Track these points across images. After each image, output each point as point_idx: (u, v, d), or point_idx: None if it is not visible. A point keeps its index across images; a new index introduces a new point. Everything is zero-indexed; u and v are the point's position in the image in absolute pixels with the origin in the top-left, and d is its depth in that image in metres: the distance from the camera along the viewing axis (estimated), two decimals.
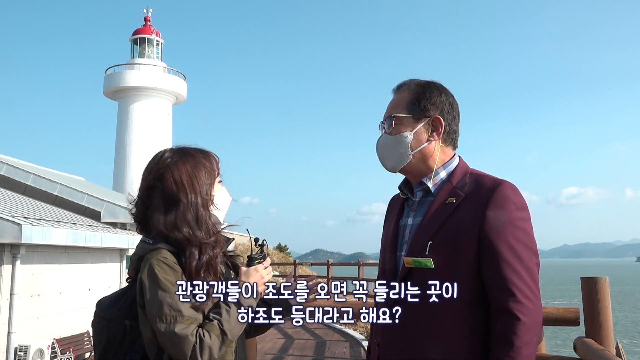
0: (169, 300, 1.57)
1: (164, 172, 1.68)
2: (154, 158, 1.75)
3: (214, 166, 1.75)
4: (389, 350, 1.63)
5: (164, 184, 1.67)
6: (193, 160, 1.70)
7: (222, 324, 1.60)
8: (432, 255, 1.56)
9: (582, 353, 2.79)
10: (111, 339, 1.64)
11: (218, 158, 1.79)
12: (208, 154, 1.77)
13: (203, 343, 1.56)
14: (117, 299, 1.71)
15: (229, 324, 1.60)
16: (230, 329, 1.60)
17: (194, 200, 1.67)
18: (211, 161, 1.75)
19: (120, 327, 1.64)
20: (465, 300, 1.53)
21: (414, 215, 1.68)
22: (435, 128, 1.68)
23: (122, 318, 1.65)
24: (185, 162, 1.69)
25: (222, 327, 1.59)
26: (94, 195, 14.47)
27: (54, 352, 10.21)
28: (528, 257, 1.52)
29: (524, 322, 1.45)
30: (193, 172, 1.69)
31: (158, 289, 1.58)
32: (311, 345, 10.60)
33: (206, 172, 1.71)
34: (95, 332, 1.70)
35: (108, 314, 1.67)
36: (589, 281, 2.95)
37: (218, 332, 1.58)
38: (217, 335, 1.58)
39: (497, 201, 1.54)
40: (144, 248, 1.67)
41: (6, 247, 9.35)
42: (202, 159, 1.73)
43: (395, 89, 1.75)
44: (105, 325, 1.66)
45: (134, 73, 26.43)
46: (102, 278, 12.54)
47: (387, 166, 1.72)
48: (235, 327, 1.61)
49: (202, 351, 1.56)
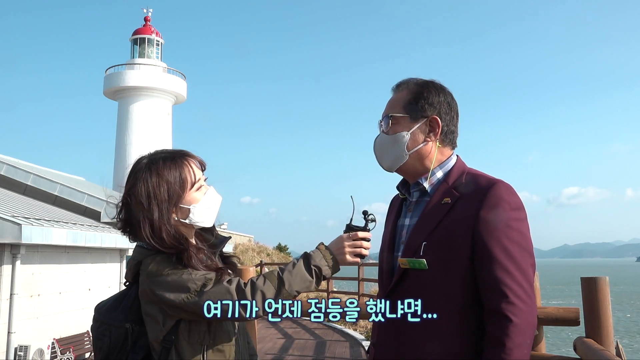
0: (185, 277, 1.59)
1: (133, 183, 1.68)
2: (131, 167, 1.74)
3: (186, 174, 1.69)
4: (385, 351, 1.62)
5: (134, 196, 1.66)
6: (156, 174, 1.66)
7: (282, 273, 1.59)
8: (426, 256, 1.55)
9: (582, 353, 2.79)
10: (113, 343, 1.65)
11: (197, 163, 1.74)
12: (180, 162, 1.70)
13: (255, 286, 1.57)
14: (116, 303, 1.71)
15: (290, 275, 1.59)
16: (290, 280, 1.58)
17: (153, 214, 1.63)
18: (182, 169, 1.69)
19: (122, 331, 1.65)
20: (460, 302, 1.52)
21: (411, 216, 1.67)
22: (433, 128, 1.67)
23: (123, 322, 1.65)
24: (150, 175, 1.66)
25: (281, 276, 1.59)
26: (94, 195, 14.47)
27: (54, 352, 10.21)
28: (522, 258, 1.50)
29: (516, 323, 1.44)
30: (155, 186, 1.65)
31: (169, 278, 1.59)
32: (311, 345, 10.59)
33: (165, 187, 1.65)
34: (96, 336, 1.69)
35: (109, 319, 1.67)
36: (589, 281, 2.95)
37: (275, 279, 1.58)
38: (272, 282, 1.58)
39: (491, 201, 1.52)
40: (142, 253, 1.68)
41: (6, 247, 9.35)
42: (171, 170, 1.68)
43: (394, 87, 1.74)
44: (107, 330, 1.66)
45: (134, 73, 26.42)
46: (102, 278, 12.54)
47: (384, 165, 1.72)
48: (295, 280, 1.58)
49: (254, 293, 1.56)
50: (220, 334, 1.65)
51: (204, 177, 1.75)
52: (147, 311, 1.64)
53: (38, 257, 10.28)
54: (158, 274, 1.61)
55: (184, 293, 1.57)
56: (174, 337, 1.61)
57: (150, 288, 1.61)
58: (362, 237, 1.65)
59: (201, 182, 1.73)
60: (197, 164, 1.75)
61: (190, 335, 1.62)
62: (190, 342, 1.61)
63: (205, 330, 1.63)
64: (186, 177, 1.69)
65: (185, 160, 1.71)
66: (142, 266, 1.65)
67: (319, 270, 1.60)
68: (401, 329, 1.57)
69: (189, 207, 1.68)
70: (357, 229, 1.66)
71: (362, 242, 1.65)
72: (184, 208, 1.68)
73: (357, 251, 1.64)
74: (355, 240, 1.64)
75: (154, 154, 1.73)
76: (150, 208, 1.63)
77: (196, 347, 1.61)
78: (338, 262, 1.63)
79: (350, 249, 1.63)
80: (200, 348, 1.62)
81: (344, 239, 1.65)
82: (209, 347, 1.63)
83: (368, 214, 1.67)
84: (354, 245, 1.64)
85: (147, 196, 1.64)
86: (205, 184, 1.75)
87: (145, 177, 1.66)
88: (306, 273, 1.59)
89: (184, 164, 1.71)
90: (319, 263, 1.61)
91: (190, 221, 1.69)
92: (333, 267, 1.62)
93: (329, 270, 1.61)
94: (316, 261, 1.61)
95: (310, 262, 1.60)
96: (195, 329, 1.62)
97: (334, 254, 1.63)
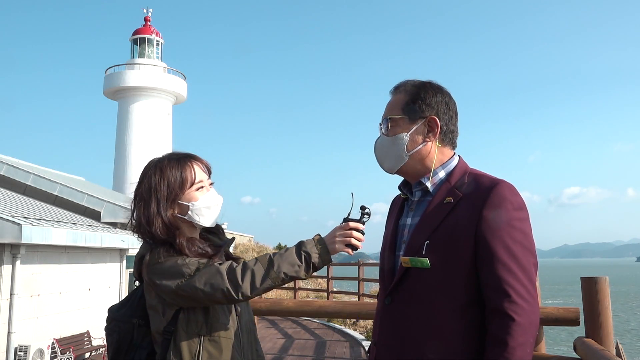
0: (180, 262, 1.69)
1: (140, 180, 1.82)
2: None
3: (187, 174, 1.79)
4: (386, 350, 1.63)
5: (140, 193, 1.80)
6: (160, 172, 1.79)
7: (272, 255, 1.67)
8: (428, 255, 1.55)
9: (582, 353, 2.79)
10: (122, 337, 1.76)
11: (203, 166, 1.84)
12: (184, 162, 1.81)
13: (246, 266, 1.66)
14: (125, 301, 1.86)
15: (280, 258, 1.66)
16: (279, 263, 1.64)
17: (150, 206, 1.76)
18: (184, 169, 1.80)
19: (129, 326, 1.77)
20: (462, 301, 1.53)
21: (413, 215, 1.68)
22: (432, 129, 1.68)
23: (130, 317, 1.78)
24: (154, 173, 1.79)
25: (271, 258, 1.66)
26: (94, 195, 14.47)
27: (54, 352, 10.21)
28: (525, 257, 1.51)
29: (518, 322, 1.44)
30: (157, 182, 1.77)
31: (165, 265, 1.69)
32: (311, 345, 10.60)
33: (165, 183, 1.77)
34: (108, 333, 1.81)
35: (118, 315, 1.81)
36: (589, 281, 2.95)
37: (266, 261, 1.65)
38: (262, 264, 1.65)
39: (494, 201, 1.53)
40: (145, 248, 1.79)
41: (6, 247, 9.35)
42: (174, 169, 1.79)
43: (392, 90, 1.76)
44: (116, 326, 1.79)
45: (134, 73, 26.42)
46: (102, 278, 12.54)
47: (385, 167, 1.73)
48: (284, 263, 1.65)
49: (244, 273, 1.64)
50: (217, 326, 1.72)
51: (209, 180, 1.86)
52: (150, 304, 1.75)
53: (38, 257, 10.28)
54: (155, 262, 1.71)
55: (178, 278, 1.66)
56: (173, 328, 1.70)
57: (149, 277, 1.72)
58: (353, 228, 1.69)
59: (203, 183, 1.82)
60: (202, 167, 1.85)
61: (189, 326, 1.70)
62: (188, 332, 1.70)
63: (203, 322, 1.71)
64: (187, 176, 1.79)
65: (189, 162, 1.82)
66: (144, 259, 1.76)
67: (309, 256, 1.65)
68: (402, 328, 1.58)
69: (188, 204, 1.78)
70: (351, 220, 1.71)
71: (353, 232, 1.68)
72: (182, 205, 1.78)
73: (347, 240, 1.68)
74: (346, 230, 1.69)
75: (164, 156, 1.86)
76: (150, 202, 1.76)
77: (193, 337, 1.70)
78: (329, 251, 1.68)
79: (340, 238, 1.68)
80: (198, 339, 1.70)
81: (336, 229, 1.71)
82: (206, 338, 1.71)
83: (365, 208, 1.72)
84: (345, 234, 1.68)
85: (149, 191, 1.77)
86: (207, 186, 1.84)
87: (150, 175, 1.80)
88: (296, 257, 1.65)
89: (187, 164, 1.81)
90: (310, 250, 1.66)
91: (189, 218, 1.78)
92: (322, 256, 1.67)
93: (318, 258, 1.66)
94: (307, 248, 1.66)
95: (301, 248, 1.67)
96: (194, 319, 1.71)
97: (326, 243, 1.68)
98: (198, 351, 1.68)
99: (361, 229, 1.70)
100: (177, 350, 1.69)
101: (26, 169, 14.91)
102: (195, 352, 1.68)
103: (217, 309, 1.74)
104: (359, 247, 1.70)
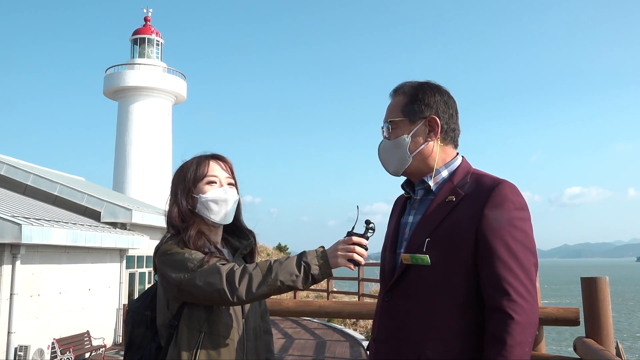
0: (187, 256, 1.72)
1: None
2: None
3: (203, 168, 1.88)
4: (385, 347, 1.63)
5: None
6: (182, 167, 1.92)
7: (273, 262, 1.67)
8: (429, 252, 1.56)
9: (582, 353, 2.79)
10: (135, 329, 1.86)
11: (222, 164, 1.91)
12: (203, 159, 1.91)
13: (245, 270, 1.66)
14: (142, 295, 1.95)
15: (280, 265, 1.65)
16: (278, 270, 1.64)
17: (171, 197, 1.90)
18: (201, 165, 1.89)
19: (142, 317, 1.86)
20: (461, 299, 1.53)
21: (415, 213, 1.69)
22: (432, 128, 1.68)
23: (143, 309, 1.87)
24: (178, 169, 1.93)
25: (271, 265, 1.66)
26: (94, 195, 14.47)
27: (54, 352, 10.22)
28: (525, 257, 1.51)
29: (517, 321, 1.44)
30: (177, 176, 1.91)
31: (173, 258, 1.73)
32: (311, 345, 10.60)
33: (182, 177, 1.89)
34: (125, 323, 1.95)
35: (134, 307, 1.90)
36: (589, 281, 2.95)
37: (265, 268, 1.66)
38: (262, 270, 1.65)
39: (496, 200, 1.54)
40: (161, 241, 1.85)
41: (6, 247, 9.36)
42: (193, 164, 1.90)
43: (391, 93, 1.77)
44: (130, 317, 1.89)
45: (134, 73, 26.44)
46: (102, 278, 12.54)
47: (390, 170, 1.74)
48: (282, 271, 1.64)
49: (242, 277, 1.65)
50: (218, 325, 1.74)
51: (228, 179, 1.90)
52: (159, 296, 1.80)
53: (38, 257, 10.28)
54: (165, 252, 1.77)
55: (182, 272, 1.70)
56: (177, 322, 1.73)
57: (159, 267, 1.78)
58: (356, 242, 1.66)
59: (215, 179, 1.87)
60: (222, 165, 1.91)
61: (191, 321, 1.73)
62: (190, 327, 1.72)
63: (205, 318, 1.73)
64: (202, 171, 1.87)
65: (208, 159, 1.90)
66: (158, 249, 1.82)
67: (308, 267, 1.64)
68: (402, 325, 1.59)
69: (197, 196, 1.84)
70: (355, 235, 1.68)
71: (356, 247, 1.65)
72: (194, 197, 1.85)
73: (350, 255, 1.65)
74: (349, 245, 1.66)
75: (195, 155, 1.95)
76: (171, 193, 1.89)
77: (194, 333, 1.72)
78: (330, 265, 1.65)
79: (343, 252, 1.65)
80: (198, 334, 1.72)
81: (339, 242, 1.68)
82: (207, 335, 1.72)
83: (370, 223, 1.70)
84: (347, 249, 1.65)
85: (172, 184, 1.90)
86: (221, 182, 1.88)
87: (176, 171, 1.93)
88: (295, 267, 1.64)
89: (205, 161, 1.89)
90: (310, 261, 1.64)
91: (199, 211, 1.83)
92: (322, 268, 1.64)
93: (318, 270, 1.64)
94: (308, 259, 1.65)
95: (301, 258, 1.66)
96: (196, 315, 1.73)
97: (328, 256, 1.66)
98: (197, 347, 1.70)
99: (364, 244, 1.66)
100: (177, 344, 1.71)
101: (26, 169, 14.91)
102: (194, 348, 1.69)
103: (221, 308, 1.74)
104: (361, 262, 1.66)
